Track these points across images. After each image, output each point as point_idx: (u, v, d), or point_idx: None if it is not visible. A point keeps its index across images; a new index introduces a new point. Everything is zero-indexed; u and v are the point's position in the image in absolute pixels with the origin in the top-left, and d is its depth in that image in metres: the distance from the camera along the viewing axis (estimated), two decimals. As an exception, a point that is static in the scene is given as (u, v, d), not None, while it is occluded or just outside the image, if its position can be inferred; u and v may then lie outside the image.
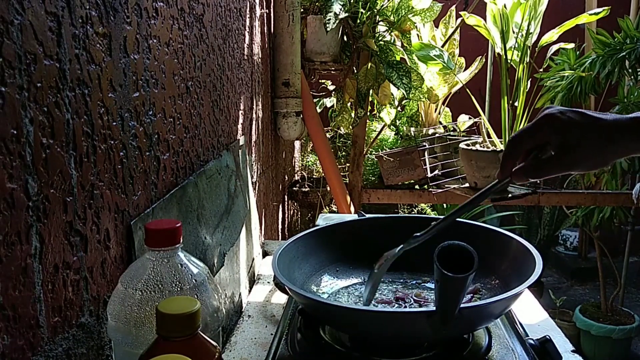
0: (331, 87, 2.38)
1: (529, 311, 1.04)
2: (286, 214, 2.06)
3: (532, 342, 0.70)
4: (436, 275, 0.57)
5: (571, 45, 2.00)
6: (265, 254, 1.44)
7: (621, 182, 2.29)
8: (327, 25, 1.65)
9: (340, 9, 1.69)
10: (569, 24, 1.86)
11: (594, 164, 0.64)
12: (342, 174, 2.00)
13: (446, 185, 2.01)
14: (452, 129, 2.19)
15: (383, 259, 0.76)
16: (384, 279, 0.87)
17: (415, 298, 0.80)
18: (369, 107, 2.00)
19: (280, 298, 1.14)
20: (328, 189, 1.97)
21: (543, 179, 0.67)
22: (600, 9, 1.88)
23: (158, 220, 0.71)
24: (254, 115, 1.41)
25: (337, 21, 1.67)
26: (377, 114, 1.98)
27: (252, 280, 1.25)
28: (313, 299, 0.70)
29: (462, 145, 1.93)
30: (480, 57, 2.11)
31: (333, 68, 1.98)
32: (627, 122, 0.62)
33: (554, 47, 2.04)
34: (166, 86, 0.76)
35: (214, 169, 0.98)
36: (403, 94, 1.79)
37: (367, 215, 1.01)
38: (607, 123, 0.62)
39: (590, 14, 1.89)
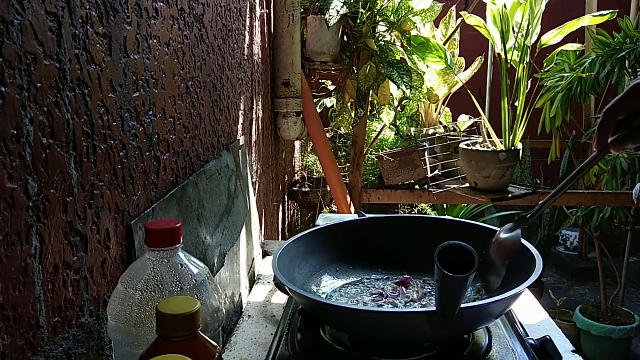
0: (331, 87, 2.39)
1: (529, 311, 1.04)
2: (286, 214, 2.06)
3: (532, 342, 0.70)
4: (436, 275, 0.57)
5: (575, 47, 2.00)
6: (265, 254, 1.44)
7: (621, 182, 2.29)
8: (329, 21, 1.65)
9: (342, 5, 1.69)
10: (571, 25, 1.86)
11: None
12: (342, 174, 2.00)
13: (446, 185, 2.01)
14: (452, 129, 2.19)
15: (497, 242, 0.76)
16: (384, 277, 0.87)
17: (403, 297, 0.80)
18: (369, 107, 2.00)
19: (280, 298, 1.14)
20: (328, 189, 1.97)
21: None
22: (606, 12, 1.88)
23: (158, 220, 0.71)
24: (254, 115, 1.41)
25: (339, 17, 1.67)
26: (377, 115, 1.98)
27: (252, 280, 1.25)
28: (313, 299, 0.70)
29: (462, 145, 1.93)
30: (480, 57, 2.11)
31: (333, 68, 1.98)
32: None
33: (558, 49, 2.03)
34: (166, 86, 0.76)
35: (214, 169, 0.98)
36: (403, 93, 1.79)
37: (367, 215, 1.01)
38: None
39: (595, 16, 1.89)
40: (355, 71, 1.89)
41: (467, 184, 1.98)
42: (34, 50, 0.47)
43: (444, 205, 2.73)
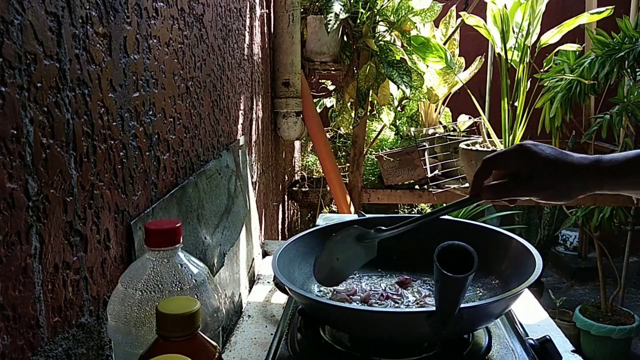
0: (331, 87, 2.39)
1: (529, 311, 1.04)
2: (286, 214, 2.06)
3: (532, 342, 0.70)
4: (436, 275, 0.57)
5: (574, 47, 2.00)
6: (265, 254, 1.44)
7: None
8: (328, 25, 1.65)
9: (341, 9, 1.69)
10: (570, 23, 1.86)
11: (555, 195, 0.69)
12: (342, 174, 2.00)
13: (446, 185, 2.01)
14: (452, 129, 2.19)
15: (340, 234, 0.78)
16: (383, 274, 0.87)
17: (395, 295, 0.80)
18: (369, 107, 2.00)
19: (280, 298, 1.14)
20: (328, 189, 1.97)
21: (508, 200, 0.74)
22: (602, 9, 1.88)
23: (158, 220, 0.71)
24: (254, 115, 1.41)
25: (338, 21, 1.67)
26: (377, 115, 1.98)
27: (252, 280, 1.25)
28: (313, 299, 0.70)
29: (462, 145, 1.93)
30: (480, 57, 2.11)
31: (333, 68, 1.98)
32: (587, 164, 0.67)
33: (557, 49, 2.04)
34: (166, 86, 0.76)
35: (214, 169, 0.98)
36: (403, 93, 1.79)
37: (367, 215, 1.01)
38: (572, 161, 0.68)
39: (592, 14, 1.89)
40: (355, 71, 1.89)
41: (467, 184, 1.97)
42: (34, 50, 0.47)
43: (444, 205, 2.73)
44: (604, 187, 0.69)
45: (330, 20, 1.65)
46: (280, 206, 1.92)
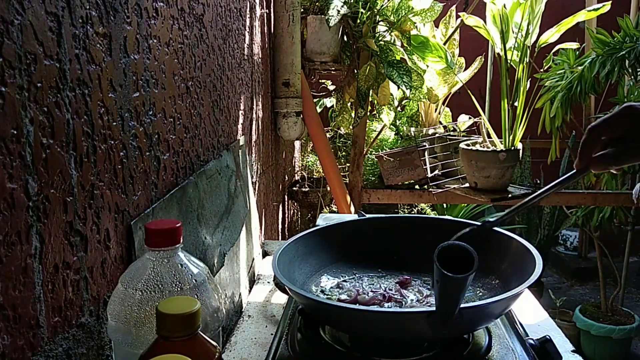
0: (331, 87, 2.39)
1: (529, 311, 1.04)
2: (286, 214, 2.06)
3: (532, 342, 0.70)
4: (436, 275, 0.57)
5: (574, 45, 2.00)
6: (265, 254, 1.44)
7: (621, 182, 2.29)
8: (330, 21, 1.65)
9: (342, 5, 1.69)
10: (568, 22, 1.86)
11: None
12: (342, 174, 2.00)
13: (446, 185, 2.01)
14: (452, 129, 2.19)
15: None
16: (383, 274, 0.87)
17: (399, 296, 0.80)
18: (369, 107, 2.00)
19: (280, 298, 1.14)
20: (328, 189, 1.97)
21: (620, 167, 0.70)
22: (599, 5, 1.88)
23: (158, 220, 0.71)
24: (254, 115, 1.41)
25: (340, 17, 1.67)
26: (377, 115, 1.98)
27: (252, 280, 1.25)
28: (313, 299, 0.70)
29: (462, 145, 1.93)
30: (480, 57, 2.11)
31: (333, 68, 1.98)
32: None
33: (556, 48, 2.04)
34: (166, 86, 0.76)
35: (214, 169, 0.98)
36: (403, 93, 1.79)
37: (367, 215, 1.01)
38: None
39: (589, 10, 1.89)
40: (355, 71, 1.89)
41: (467, 184, 1.98)
42: (34, 50, 0.47)
43: (444, 205, 2.73)
44: None
45: (331, 16, 1.65)
46: (280, 206, 1.92)
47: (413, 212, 2.54)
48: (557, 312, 2.72)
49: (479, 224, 0.79)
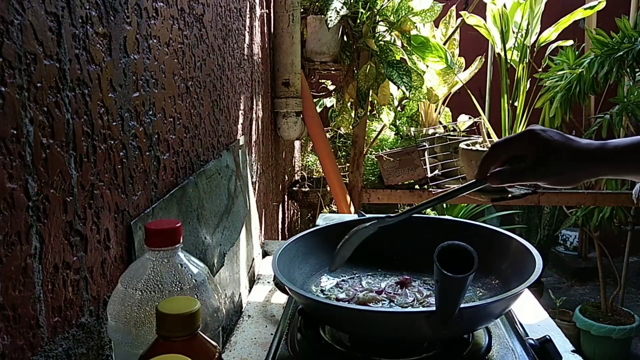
0: (331, 87, 2.39)
1: (529, 311, 1.04)
2: (286, 214, 2.06)
3: (532, 342, 0.70)
4: (436, 275, 0.57)
5: (569, 43, 2.00)
6: (265, 254, 1.44)
7: (621, 182, 2.29)
8: (329, 22, 1.65)
9: (342, 6, 1.69)
10: (566, 20, 1.86)
11: (562, 180, 0.70)
12: (342, 174, 2.00)
13: (446, 185, 2.01)
14: (452, 129, 2.19)
15: (354, 234, 0.80)
16: (383, 274, 0.87)
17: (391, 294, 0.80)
18: (369, 107, 2.00)
19: (280, 298, 1.14)
20: (328, 189, 1.97)
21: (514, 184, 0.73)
22: (596, 2, 1.88)
23: (158, 220, 0.71)
24: (254, 115, 1.41)
25: (339, 18, 1.67)
26: (377, 115, 1.98)
27: (252, 280, 1.25)
28: (313, 299, 0.70)
29: (462, 145, 1.93)
30: (480, 57, 2.11)
31: (333, 68, 1.98)
32: (592, 149, 0.69)
33: (553, 46, 2.04)
34: (166, 86, 0.76)
35: (214, 169, 0.98)
36: (403, 93, 1.79)
37: (367, 215, 1.01)
38: (579, 147, 0.69)
39: (586, 8, 1.89)
40: (355, 71, 1.89)
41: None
42: (34, 50, 0.47)
43: (444, 205, 2.73)
44: (608, 173, 0.71)
45: (330, 16, 1.65)
46: (280, 206, 1.92)
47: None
48: (557, 312, 2.72)
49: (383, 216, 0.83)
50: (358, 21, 1.82)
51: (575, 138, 0.70)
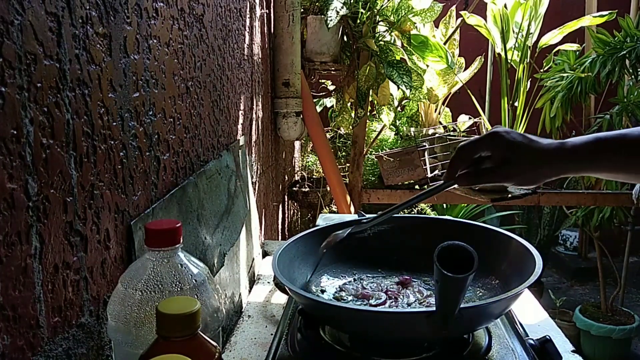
0: (331, 87, 2.39)
1: (529, 311, 1.04)
2: (286, 214, 2.06)
3: (532, 342, 0.70)
4: (436, 275, 0.57)
5: (574, 46, 2.00)
6: (265, 254, 1.44)
7: (621, 182, 2.29)
8: (329, 22, 1.65)
9: (341, 6, 1.69)
10: (572, 25, 1.86)
11: (525, 180, 0.72)
12: (342, 174, 2.00)
13: (446, 185, 2.01)
14: (452, 129, 2.19)
15: (331, 238, 0.82)
16: (383, 274, 0.87)
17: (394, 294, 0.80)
18: (369, 107, 2.00)
19: (280, 298, 1.14)
20: (328, 189, 1.97)
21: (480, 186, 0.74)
22: (606, 12, 1.88)
23: (158, 220, 0.71)
24: (254, 115, 1.41)
25: (338, 18, 1.67)
26: (377, 115, 1.99)
27: (252, 280, 1.25)
28: (313, 299, 0.70)
29: (462, 145, 1.92)
30: (480, 57, 2.11)
31: (333, 68, 1.98)
32: (551, 149, 0.71)
33: (556, 49, 2.03)
34: (166, 86, 0.76)
35: (214, 169, 0.98)
36: (403, 93, 1.79)
37: (367, 215, 1.01)
38: (539, 147, 0.71)
39: (595, 17, 1.89)
40: (355, 71, 1.89)
41: (467, 184, 1.97)
42: (34, 51, 0.47)
43: (444, 205, 2.73)
44: (568, 171, 0.73)
45: (330, 17, 1.65)
46: (280, 206, 1.92)
47: (413, 212, 2.54)
48: (557, 312, 2.72)
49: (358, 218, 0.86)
50: (358, 21, 1.82)
51: (537, 139, 0.72)
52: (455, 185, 0.76)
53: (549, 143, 0.71)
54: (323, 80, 2.36)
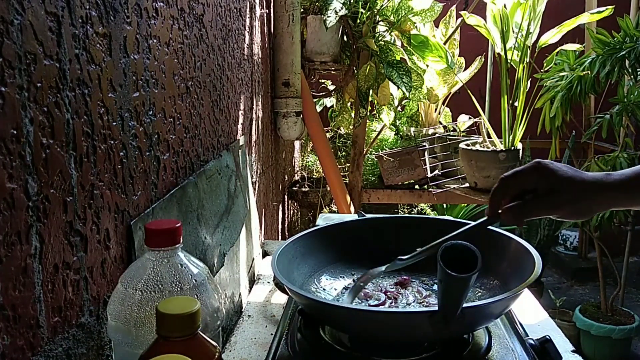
0: (331, 87, 2.39)
1: (529, 311, 1.04)
2: (286, 214, 2.06)
3: (532, 342, 0.70)
4: (439, 274, 0.57)
5: (575, 47, 2.00)
6: (265, 254, 1.44)
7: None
8: (327, 21, 1.65)
9: (341, 7, 1.69)
10: (570, 23, 1.86)
11: (576, 210, 0.69)
12: (342, 174, 2.00)
13: (446, 185, 2.01)
14: (452, 129, 2.19)
15: (367, 275, 0.79)
16: (383, 275, 0.87)
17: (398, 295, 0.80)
18: (369, 107, 2.00)
19: (280, 298, 1.14)
20: (328, 189, 1.97)
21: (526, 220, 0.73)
22: (603, 8, 1.88)
23: (158, 220, 0.71)
24: (254, 115, 1.41)
25: (337, 18, 1.67)
26: (377, 115, 1.99)
27: (252, 280, 1.25)
28: (313, 299, 0.70)
29: (462, 145, 1.93)
30: (480, 57, 2.11)
31: (333, 68, 1.98)
32: (600, 178, 0.68)
33: (557, 49, 2.03)
34: (166, 86, 0.76)
35: (214, 169, 0.98)
36: (403, 93, 1.79)
37: (367, 215, 1.01)
38: (587, 177, 0.69)
39: (592, 13, 1.89)
40: (355, 71, 1.89)
41: (467, 184, 1.98)
42: (34, 50, 0.47)
43: (444, 205, 2.73)
44: (618, 202, 0.70)
45: (329, 16, 1.65)
46: (280, 206, 1.92)
47: (413, 212, 2.55)
48: (557, 312, 2.72)
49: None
50: (358, 21, 1.82)
51: (581, 172, 0.70)
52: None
53: (595, 174, 0.69)
54: (323, 80, 2.36)
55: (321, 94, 2.42)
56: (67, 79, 0.52)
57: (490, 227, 0.86)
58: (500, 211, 0.72)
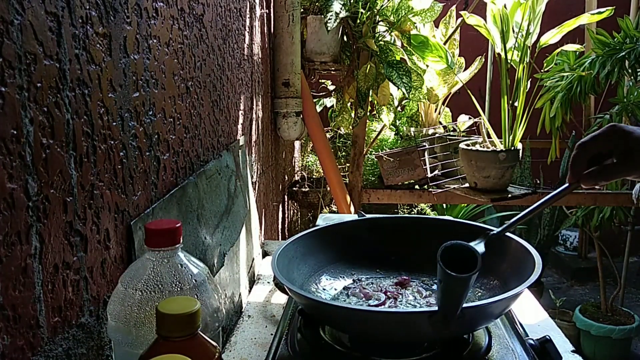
0: (331, 87, 2.38)
1: (529, 311, 1.04)
2: (286, 214, 2.06)
3: (532, 342, 0.70)
4: (439, 274, 0.57)
5: (575, 47, 2.00)
6: (265, 254, 1.44)
7: (621, 182, 2.29)
8: (328, 24, 1.65)
9: (341, 8, 1.69)
10: (570, 24, 1.86)
11: None
12: (342, 174, 2.00)
13: (446, 186, 2.01)
14: (452, 129, 2.19)
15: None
16: (382, 274, 0.87)
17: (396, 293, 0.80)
18: (369, 107, 2.00)
19: (280, 298, 1.14)
20: (328, 189, 1.97)
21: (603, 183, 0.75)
22: (603, 9, 1.88)
23: (158, 220, 0.71)
24: (254, 115, 1.41)
25: (338, 20, 1.67)
26: (377, 115, 1.98)
27: (252, 280, 1.25)
28: (313, 299, 0.70)
29: (462, 145, 1.93)
30: (480, 57, 2.11)
31: (333, 68, 1.98)
32: None
33: (557, 50, 2.03)
34: (166, 86, 0.76)
35: (214, 169, 0.98)
36: (403, 93, 1.79)
37: (367, 215, 1.01)
38: None
39: (593, 14, 1.89)
40: (355, 71, 1.89)
41: (467, 184, 1.97)
42: (34, 50, 0.47)
43: (444, 205, 2.73)
44: None
45: (330, 19, 1.65)
46: (280, 206, 1.92)
47: (413, 212, 2.54)
48: (557, 312, 2.72)
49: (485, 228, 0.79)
50: (358, 21, 1.82)
51: None
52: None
53: None
54: (323, 80, 2.36)
55: (321, 94, 2.42)
56: (67, 79, 0.52)
57: (490, 227, 0.86)
58: (580, 177, 0.72)
